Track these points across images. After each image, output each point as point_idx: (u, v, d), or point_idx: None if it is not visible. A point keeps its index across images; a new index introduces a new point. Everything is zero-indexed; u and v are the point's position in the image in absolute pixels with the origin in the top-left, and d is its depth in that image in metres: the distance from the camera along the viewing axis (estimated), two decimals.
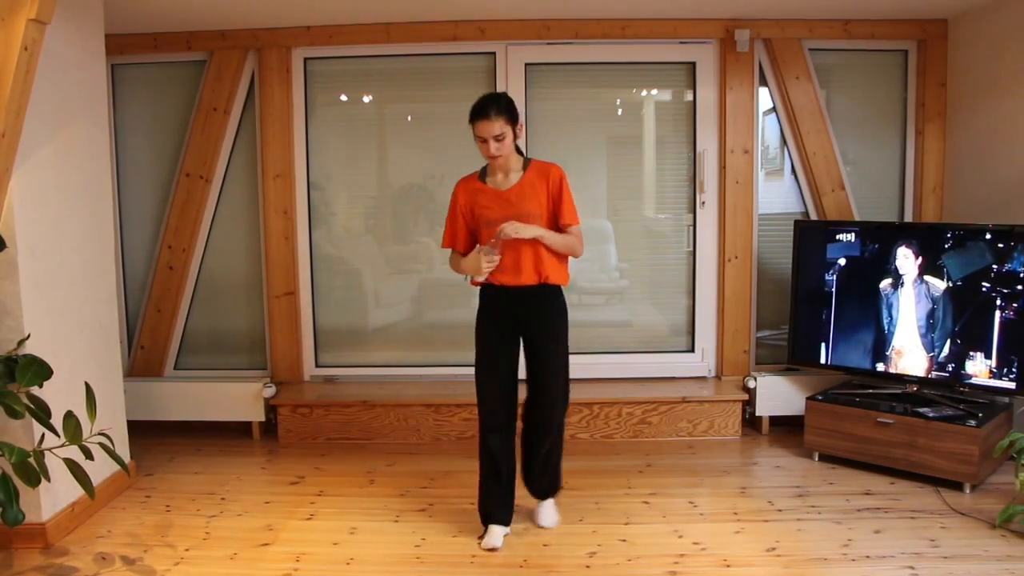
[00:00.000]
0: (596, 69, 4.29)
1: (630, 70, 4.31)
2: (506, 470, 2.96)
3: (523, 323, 2.89)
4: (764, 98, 4.27)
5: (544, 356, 2.91)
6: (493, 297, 2.91)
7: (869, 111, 4.30)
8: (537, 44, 4.21)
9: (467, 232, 2.95)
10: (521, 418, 3.00)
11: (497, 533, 2.93)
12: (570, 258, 2.95)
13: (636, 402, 4.08)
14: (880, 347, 3.74)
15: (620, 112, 4.42)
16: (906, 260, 3.64)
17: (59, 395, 2.83)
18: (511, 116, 2.79)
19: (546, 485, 3.09)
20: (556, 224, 2.86)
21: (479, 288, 2.94)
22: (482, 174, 2.94)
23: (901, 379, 3.70)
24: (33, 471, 2.55)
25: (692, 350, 4.39)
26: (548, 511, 3.09)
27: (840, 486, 3.43)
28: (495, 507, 2.97)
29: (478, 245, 2.90)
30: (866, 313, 3.77)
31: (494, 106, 2.76)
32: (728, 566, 2.75)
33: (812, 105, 4.17)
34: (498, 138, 2.75)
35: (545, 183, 2.84)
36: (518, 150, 2.94)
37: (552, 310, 2.90)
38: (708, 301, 4.35)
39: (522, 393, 2.98)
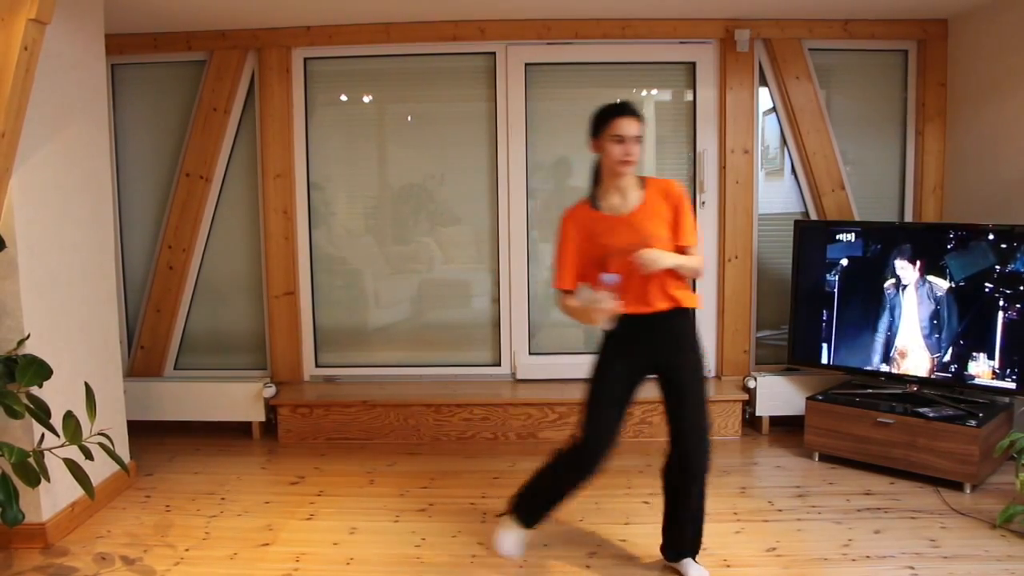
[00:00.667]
0: (596, 69, 4.29)
1: (630, 70, 4.31)
2: (564, 497, 2.72)
3: (658, 356, 2.60)
4: (764, 98, 4.27)
5: (687, 391, 2.58)
6: (623, 327, 2.58)
7: (869, 111, 4.30)
8: (537, 44, 4.21)
9: (580, 269, 2.62)
10: (664, 471, 2.73)
11: (518, 540, 2.77)
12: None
13: (636, 402, 4.06)
14: (881, 348, 3.74)
15: None
16: (906, 261, 3.64)
17: (59, 395, 2.84)
18: (643, 122, 2.57)
19: (693, 540, 2.71)
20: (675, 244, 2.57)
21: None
22: (592, 201, 2.61)
23: (901, 379, 3.70)
24: (33, 471, 2.55)
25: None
26: (696, 569, 2.69)
27: (840, 486, 3.43)
28: (532, 513, 2.74)
29: (581, 288, 2.57)
30: (866, 313, 3.77)
31: (631, 107, 2.53)
32: (728, 566, 2.75)
33: (812, 105, 4.17)
34: (638, 139, 2.52)
35: (667, 201, 2.56)
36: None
37: (688, 338, 2.61)
38: (708, 301, 4.34)
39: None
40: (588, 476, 2.66)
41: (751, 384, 4.11)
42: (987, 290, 3.40)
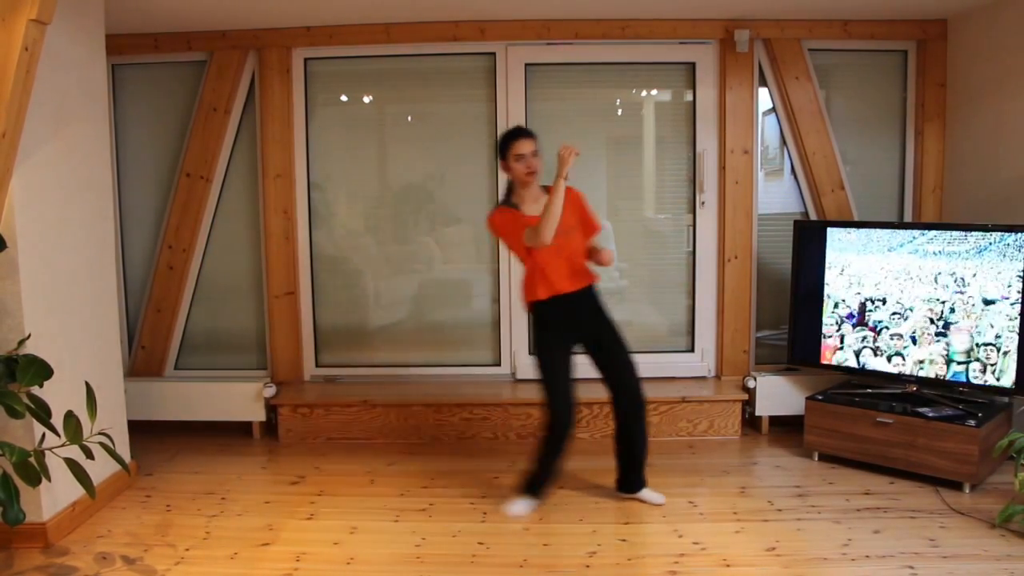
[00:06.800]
0: (596, 69, 4.30)
1: (630, 70, 4.31)
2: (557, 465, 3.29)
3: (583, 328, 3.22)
4: (764, 98, 4.27)
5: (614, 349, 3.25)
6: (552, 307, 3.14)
7: (869, 111, 4.31)
8: (537, 44, 4.21)
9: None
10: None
11: (527, 506, 3.24)
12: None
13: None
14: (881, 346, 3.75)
15: (620, 112, 4.42)
16: (905, 260, 3.64)
17: (59, 395, 2.84)
18: (536, 139, 3.11)
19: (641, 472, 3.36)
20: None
21: None
22: (514, 207, 3.12)
23: (901, 379, 3.70)
24: (33, 471, 2.55)
25: (692, 350, 4.40)
26: (654, 494, 3.32)
27: (840, 486, 3.44)
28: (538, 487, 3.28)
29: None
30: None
31: (525, 130, 3.14)
32: (728, 566, 2.75)
33: (812, 105, 4.17)
34: (535, 154, 3.06)
35: (570, 201, 3.05)
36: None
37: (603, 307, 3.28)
38: (708, 301, 4.35)
39: None
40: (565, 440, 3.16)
41: (751, 384, 4.11)
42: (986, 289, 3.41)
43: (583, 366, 3.22)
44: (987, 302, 3.40)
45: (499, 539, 2.99)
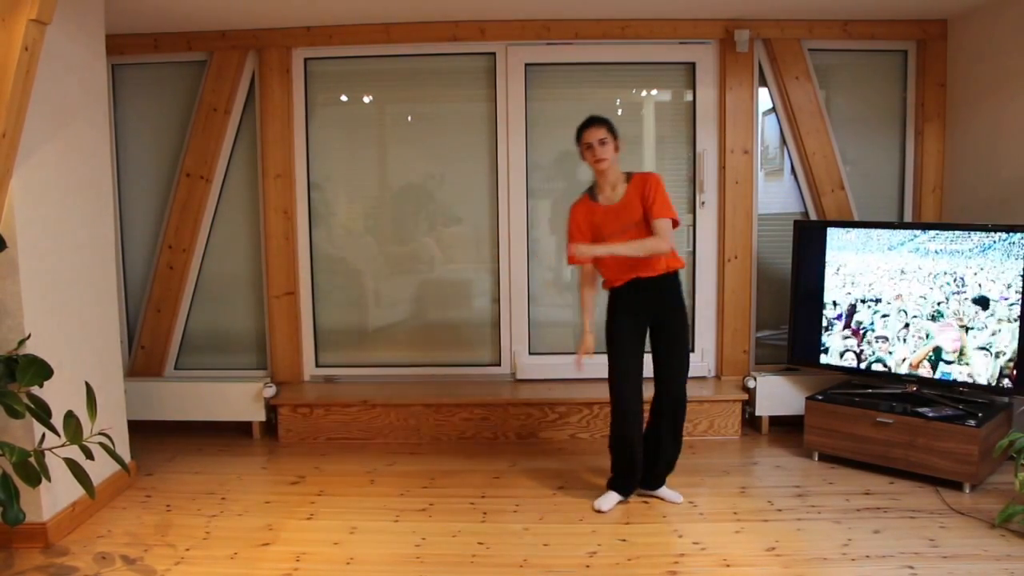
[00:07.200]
0: (596, 69, 4.29)
1: (630, 70, 4.31)
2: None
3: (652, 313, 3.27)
4: (764, 98, 4.28)
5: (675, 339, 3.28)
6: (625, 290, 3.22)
7: (869, 111, 4.31)
8: (537, 44, 4.21)
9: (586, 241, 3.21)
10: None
11: (613, 502, 3.30)
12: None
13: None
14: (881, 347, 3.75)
15: (620, 112, 4.42)
16: (906, 260, 3.64)
17: (59, 395, 2.84)
18: (611, 128, 3.12)
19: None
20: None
21: None
22: (592, 195, 3.23)
23: (901, 379, 3.70)
24: (33, 471, 2.55)
25: (692, 350, 4.39)
26: (672, 492, 3.36)
27: (840, 486, 3.44)
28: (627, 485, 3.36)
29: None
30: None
31: (595, 118, 3.14)
32: (728, 566, 2.75)
33: (812, 105, 4.17)
34: (603, 141, 3.08)
35: (640, 189, 3.13)
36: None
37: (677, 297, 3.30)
38: (708, 301, 4.35)
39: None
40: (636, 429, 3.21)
41: (751, 384, 4.11)
42: (987, 289, 3.40)
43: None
44: (985, 303, 3.40)
45: (499, 539, 2.99)
